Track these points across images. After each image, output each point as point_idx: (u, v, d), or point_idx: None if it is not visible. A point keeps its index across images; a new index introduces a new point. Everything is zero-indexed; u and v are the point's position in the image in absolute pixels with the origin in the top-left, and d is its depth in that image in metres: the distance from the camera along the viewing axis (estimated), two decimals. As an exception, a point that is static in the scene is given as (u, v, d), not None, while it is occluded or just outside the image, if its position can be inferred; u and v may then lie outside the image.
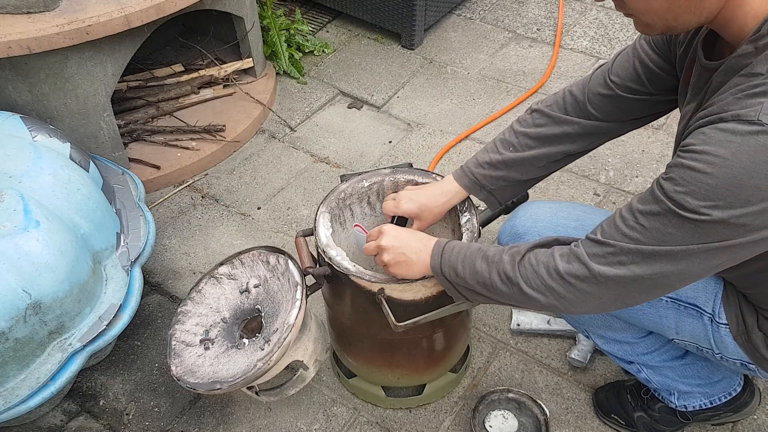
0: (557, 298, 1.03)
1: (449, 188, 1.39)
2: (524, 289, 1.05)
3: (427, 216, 1.38)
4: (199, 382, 1.30)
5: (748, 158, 0.82)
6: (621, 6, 0.96)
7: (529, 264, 1.05)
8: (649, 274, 0.94)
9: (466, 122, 2.52)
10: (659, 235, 0.91)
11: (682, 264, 0.92)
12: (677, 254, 0.91)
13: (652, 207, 0.92)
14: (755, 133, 0.82)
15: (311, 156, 2.43)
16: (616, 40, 2.89)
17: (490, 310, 1.88)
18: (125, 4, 1.87)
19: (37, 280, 1.39)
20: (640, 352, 1.43)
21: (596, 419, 1.62)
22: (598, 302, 1.01)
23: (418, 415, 1.65)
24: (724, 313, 1.19)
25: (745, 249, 0.90)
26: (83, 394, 1.74)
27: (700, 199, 0.86)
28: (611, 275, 0.97)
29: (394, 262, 1.23)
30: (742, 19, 0.91)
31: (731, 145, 0.84)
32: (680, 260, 0.92)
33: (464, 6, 3.15)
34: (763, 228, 0.87)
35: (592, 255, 0.98)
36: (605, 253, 0.97)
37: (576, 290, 1.01)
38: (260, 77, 2.67)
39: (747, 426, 1.59)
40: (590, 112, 1.29)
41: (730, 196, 0.84)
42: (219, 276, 1.46)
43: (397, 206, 1.38)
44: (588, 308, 1.03)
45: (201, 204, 2.26)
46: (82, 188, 1.61)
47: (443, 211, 1.40)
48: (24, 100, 1.94)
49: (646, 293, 0.99)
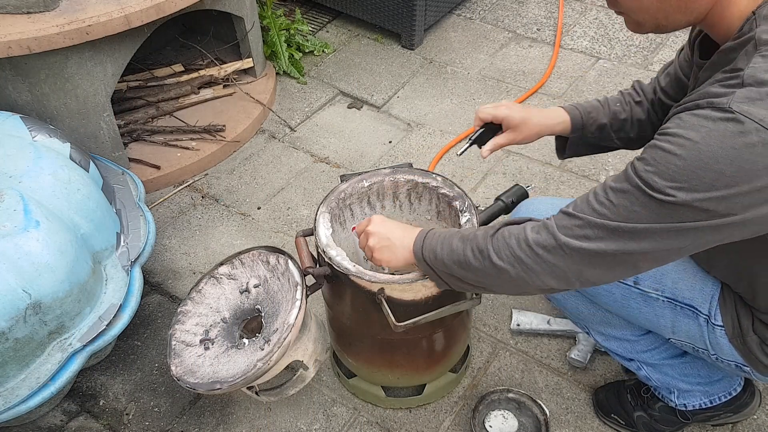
0: (525, 269, 1.03)
1: (556, 113, 1.41)
2: (494, 260, 1.06)
3: (524, 129, 1.39)
4: (199, 382, 1.30)
5: (717, 143, 0.84)
6: (613, 4, 0.99)
7: (501, 236, 1.07)
8: (612, 250, 0.95)
9: (466, 122, 2.52)
10: (625, 212, 0.93)
11: (645, 243, 0.93)
12: (640, 232, 0.92)
13: (623, 185, 0.93)
14: (725, 120, 0.84)
15: (311, 156, 2.43)
16: (616, 40, 2.89)
17: (490, 310, 1.88)
18: (125, 4, 1.87)
19: (37, 280, 1.39)
20: (640, 349, 1.43)
21: (596, 419, 1.62)
22: (562, 276, 1.02)
23: (418, 415, 1.65)
24: (720, 315, 1.20)
25: (708, 234, 0.90)
26: (83, 394, 1.74)
27: (667, 180, 0.87)
28: (576, 247, 0.98)
29: (379, 247, 1.24)
30: (729, 19, 0.93)
31: (702, 129, 0.85)
32: (643, 239, 0.93)
33: (464, 6, 3.15)
34: (726, 215, 0.87)
35: (561, 227, 1.00)
36: (573, 225, 0.99)
37: (542, 261, 1.02)
38: (260, 77, 2.67)
39: (747, 426, 1.59)
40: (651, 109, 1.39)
41: (695, 179, 0.85)
42: (219, 276, 1.46)
43: (496, 109, 1.39)
44: (553, 282, 1.03)
45: (201, 204, 2.26)
46: (82, 188, 1.61)
47: (540, 132, 1.41)
48: (24, 100, 1.94)
49: (609, 270, 0.99)
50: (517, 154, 2.37)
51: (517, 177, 2.28)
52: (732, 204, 0.86)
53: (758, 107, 0.83)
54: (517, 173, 2.30)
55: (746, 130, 0.82)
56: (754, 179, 0.84)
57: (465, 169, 2.32)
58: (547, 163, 2.33)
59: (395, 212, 1.58)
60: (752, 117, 0.82)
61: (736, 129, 0.83)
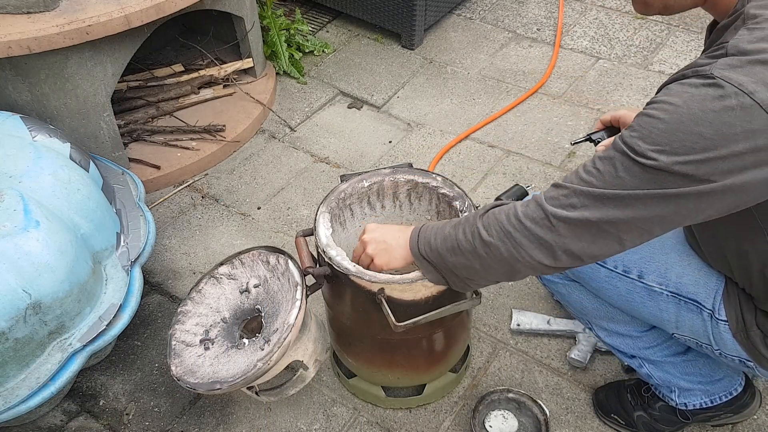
0: (513, 244, 1.04)
1: None
2: (484, 237, 1.07)
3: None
4: (199, 382, 1.30)
5: (697, 106, 0.86)
6: None
7: (491, 214, 1.09)
8: (596, 218, 0.96)
9: (466, 122, 2.52)
10: (610, 178, 0.94)
11: (628, 210, 0.94)
12: (623, 199, 0.93)
13: (609, 152, 0.95)
14: (707, 85, 0.86)
15: (311, 156, 2.43)
16: (616, 40, 2.89)
17: (490, 310, 1.88)
18: (125, 4, 1.87)
19: (37, 280, 1.39)
20: (643, 346, 1.44)
21: (596, 419, 1.62)
22: (548, 249, 1.02)
23: (418, 415, 1.65)
24: (724, 310, 1.20)
25: (690, 202, 0.91)
26: (83, 394, 1.74)
27: (649, 143, 0.89)
28: (562, 217, 0.98)
29: (376, 252, 1.25)
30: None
31: (685, 94, 0.88)
32: (626, 206, 0.94)
33: (464, 6, 3.15)
34: (706, 180, 0.88)
35: (549, 198, 1.01)
36: (560, 195, 1.00)
37: (530, 234, 1.02)
38: (260, 77, 2.67)
39: (747, 426, 1.59)
40: None
41: (676, 142, 0.87)
42: (219, 276, 1.46)
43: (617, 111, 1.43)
44: (540, 255, 1.03)
45: (201, 204, 2.26)
46: (82, 188, 1.61)
47: None
48: (24, 100, 1.94)
49: (593, 242, 0.99)
50: (517, 154, 2.37)
51: (517, 177, 2.28)
52: (711, 169, 0.87)
53: (738, 73, 0.85)
54: (517, 173, 2.30)
55: (726, 93, 0.85)
56: (732, 143, 0.85)
57: (465, 169, 2.32)
58: (547, 163, 2.33)
59: (395, 212, 1.58)
60: (732, 82, 0.85)
61: (716, 93, 0.85)
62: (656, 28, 2.94)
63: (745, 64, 0.86)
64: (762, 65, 0.85)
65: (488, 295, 1.91)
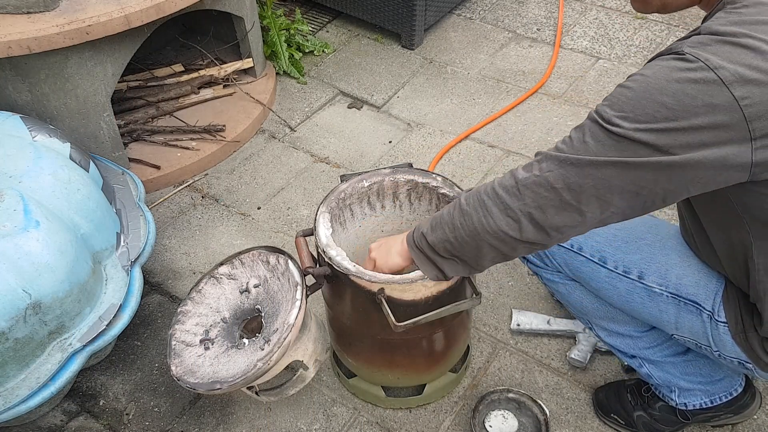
0: (485, 213, 1.06)
1: None
2: (463, 206, 1.10)
3: None
4: (199, 382, 1.30)
5: (663, 76, 0.89)
6: None
7: (475, 189, 1.12)
8: (558, 182, 0.98)
9: (466, 122, 2.52)
10: (577, 143, 0.97)
11: (589, 178, 0.95)
12: (585, 164, 0.95)
13: (583, 122, 0.98)
14: (676, 59, 0.90)
15: (311, 156, 2.43)
16: (616, 40, 2.89)
17: (490, 310, 1.88)
18: (125, 4, 1.87)
19: (37, 280, 1.39)
20: (643, 346, 1.44)
21: (596, 419, 1.62)
22: (514, 218, 1.03)
23: (418, 415, 1.65)
24: (724, 312, 1.20)
25: (648, 172, 0.92)
26: (83, 394, 1.74)
27: (615, 110, 0.92)
28: (529, 182, 1.01)
29: (378, 254, 1.30)
30: None
31: (655, 67, 0.92)
32: (588, 173, 0.95)
33: (464, 6, 3.15)
34: (666, 152, 0.89)
35: (522, 167, 1.04)
36: (533, 163, 1.02)
37: (500, 202, 1.04)
38: (260, 77, 2.67)
39: (747, 426, 1.59)
40: None
41: (639, 109, 0.90)
42: (219, 276, 1.46)
43: None
44: (505, 225, 1.04)
45: (201, 204, 2.26)
46: (82, 188, 1.61)
47: None
48: (24, 100, 1.94)
49: (556, 214, 1.00)
50: (517, 154, 2.37)
51: (517, 177, 2.28)
52: (671, 140, 0.89)
53: (706, 51, 0.88)
54: (517, 173, 2.29)
55: (691, 67, 0.88)
56: (692, 116, 0.87)
57: (465, 169, 2.32)
58: (547, 163, 2.32)
59: (395, 212, 1.58)
60: (699, 57, 0.87)
61: (683, 65, 0.88)
62: (656, 28, 2.94)
63: (714, 43, 0.88)
64: (731, 45, 0.87)
65: (488, 295, 1.91)
